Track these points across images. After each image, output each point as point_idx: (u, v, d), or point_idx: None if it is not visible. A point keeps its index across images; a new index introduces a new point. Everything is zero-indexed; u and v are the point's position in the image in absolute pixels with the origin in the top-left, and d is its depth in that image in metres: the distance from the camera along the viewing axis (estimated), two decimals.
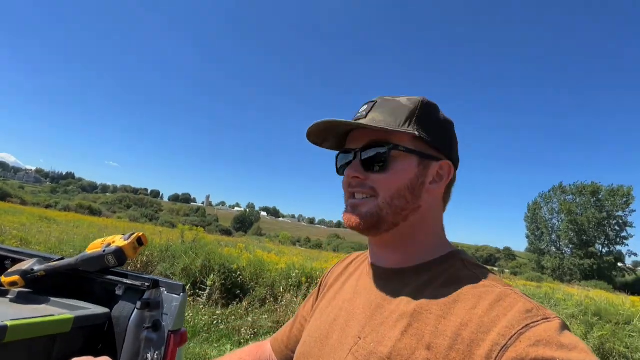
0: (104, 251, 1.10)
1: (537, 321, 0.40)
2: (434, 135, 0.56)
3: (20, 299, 1.08)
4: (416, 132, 0.53)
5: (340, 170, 0.62)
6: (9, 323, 0.78)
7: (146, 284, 1.04)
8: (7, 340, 0.76)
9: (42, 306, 1.03)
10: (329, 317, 0.60)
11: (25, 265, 1.14)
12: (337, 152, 0.63)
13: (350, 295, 0.61)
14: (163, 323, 1.01)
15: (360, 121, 0.54)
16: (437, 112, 0.59)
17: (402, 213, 0.54)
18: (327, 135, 0.60)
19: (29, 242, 7.68)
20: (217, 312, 4.90)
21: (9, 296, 1.09)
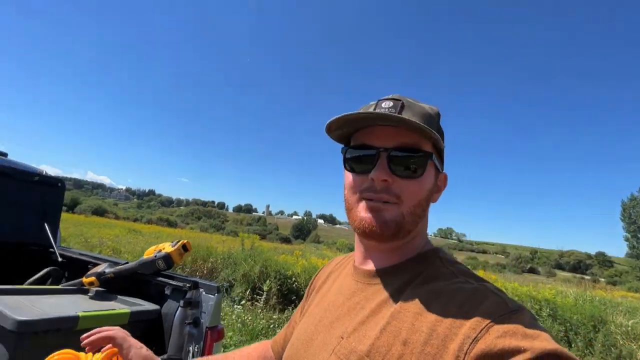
0: (155, 256, 1.29)
1: (505, 313, 0.43)
2: (443, 148, 0.58)
3: (97, 296, 1.31)
4: (443, 145, 0.53)
5: (352, 168, 0.56)
6: (80, 314, 0.98)
7: (187, 285, 1.19)
8: (79, 328, 0.95)
9: (110, 302, 1.24)
10: (315, 319, 0.61)
11: (100, 268, 1.39)
12: (347, 147, 0.57)
13: (335, 297, 0.61)
14: (202, 320, 1.15)
15: (404, 119, 0.49)
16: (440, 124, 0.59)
17: (418, 220, 0.54)
18: (346, 124, 0.55)
19: (120, 251, 8.92)
20: (274, 316, 5.13)
21: (89, 294, 1.33)
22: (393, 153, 0.52)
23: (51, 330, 0.90)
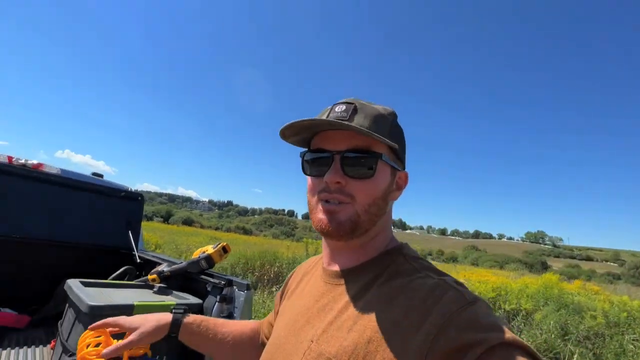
0: (199, 257, 1.48)
1: (463, 306, 0.44)
2: (401, 147, 0.59)
3: (158, 290, 1.55)
4: (396, 145, 0.54)
5: (308, 171, 0.59)
6: (135, 303, 1.19)
7: (222, 282, 1.34)
8: (134, 314, 1.15)
9: (165, 296, 1.46)
10: (288, 322, 0.62)
11: (160, 267, 1.63)
12: (305, 151, 0.60)
13: (306, 299, 0.62)
14: (235, 315, 1.28)
15: (351, 125, 0.51)
16: (398, 124, 0.60)
17: (374, 219, 0.55)
18: (301, 131, 0.57)
19: None
20: None
21: (153, 289, 1.58)
22: (345, 155, 0.54)
23: (114, 314, 1.12)
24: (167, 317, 0.76)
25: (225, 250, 1.52)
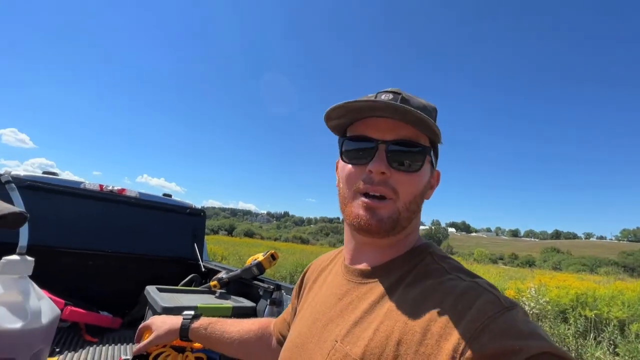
0: (251, 264, 1.63)
1: (499, 311, 0.41)
2: (439, 144, 0.57)
3: (219, 295, 1.74)
4: (442, 142, 0.52)
5: (349, 159, 0.54)
6: (198, 305, 1.36)
7: (272, 287, 1.46)
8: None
9: (224, 300, 1.63)
10: (308, 320, 0.60)
11: (220, 274, 1.83)
12: (345, 137, 0.56)
13: (326, 297, 0.60)
14: None
15: (412, 110, 0.47)
16: None
17: (412, 216, 0.53)
18: (348, 114, 0.53)
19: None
20: None
21: (215, 294, 1.78)
22: (391, 146, 0.50)
23: (180, 314, 1.31)
24: (179, 322, 0.82)
25: (273, 257, 1.65)
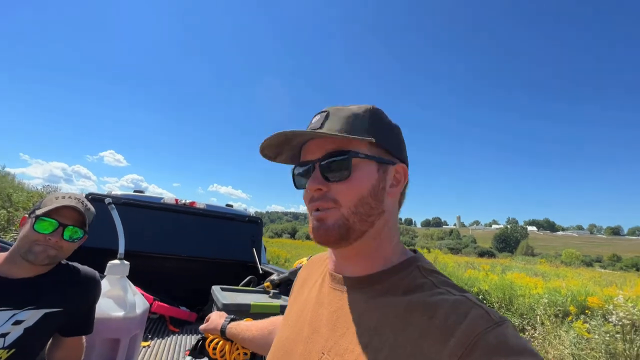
0: (297, 267, 1.81)
1: (490, 326, 0.41)
2: (388, 140, 0.57)
3: (272, 295, 1.96)
4: (373, 139, 0.52)
5: (298, 184, 0.60)
6: (252, 303, 1.59)
7: None
8: (252, 311, 1.54)
9: (274, 299, 1.84)
10: (294, 327, 0.60)
11: (272, 276, 2.05)
12: (293, 166, 0.61)
13: (313, 305, 0.60)
14: None
15: (314, 132, 0.52)
16: (386, 118, 0.59)
17: (368, 219, 0.53)
18: (282, 148, 0.58)
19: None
20: None
21: (269, 294, 2.00)
22: (322, 162, 0.54)
23: (237, 311, 1.53)
24: (222, 322, 0.96)
25: None
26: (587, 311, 5.16)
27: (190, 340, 2.27)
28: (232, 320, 0.99)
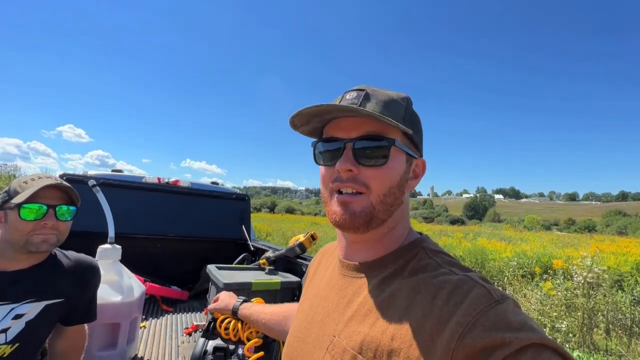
0: (294, 244, 1.82)
1: (490, 304, 0.42)
2: (418, 134, 0.57)
3: (268, 272, 1.97)
4: (410, 130, 0.51)
5: (322, 161, 0.56)
6: (252, 281, 1.59)
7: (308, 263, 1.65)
8: (253, 289, 1.55)
9: (273, 276, 1.86)
10: (308, 315, 0.61)
11: (268, 253, 2.05)
12: (316, 140, 0.58)
13: (324, 291, 0.61)
14: None
15: (360, 110, 0.49)
16: (414, 110, 0.58)
17: (390, 209, 0.53)
18: (311, 119, 0.55)
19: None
20: None
21: (265, 270, 2.01)
22: (357, 143, 0.51)
23: (239, 289, 1.53)
24: (233, 302, 0.99)
25: (313, 237, 1.83)
26: (549, 271, 5.66)
27: (185, 318, 2.27)
28: (245, 301, 1.00)
